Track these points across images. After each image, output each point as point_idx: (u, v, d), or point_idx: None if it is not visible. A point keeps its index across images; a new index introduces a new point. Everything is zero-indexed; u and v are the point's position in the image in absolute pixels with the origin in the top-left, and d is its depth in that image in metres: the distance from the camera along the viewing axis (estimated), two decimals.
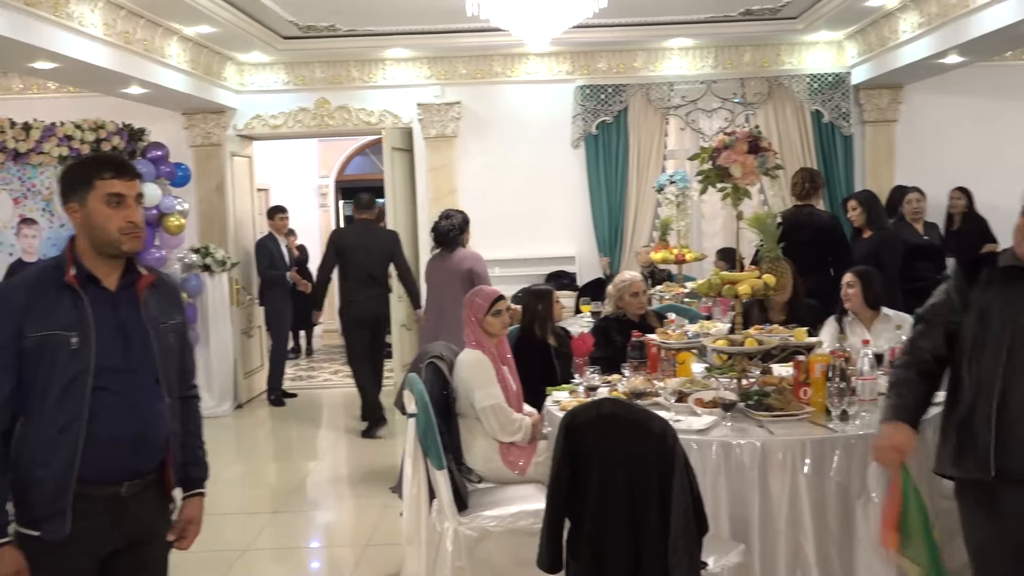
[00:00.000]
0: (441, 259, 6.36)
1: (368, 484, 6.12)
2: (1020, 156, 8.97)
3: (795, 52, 8.99)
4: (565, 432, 2.85)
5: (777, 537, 3.39)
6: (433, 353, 4.27)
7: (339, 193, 13.75)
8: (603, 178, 9.01)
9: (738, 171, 3.88)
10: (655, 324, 5.09)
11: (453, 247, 6.31)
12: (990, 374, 2.59)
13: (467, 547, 3.73)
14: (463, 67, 9.01)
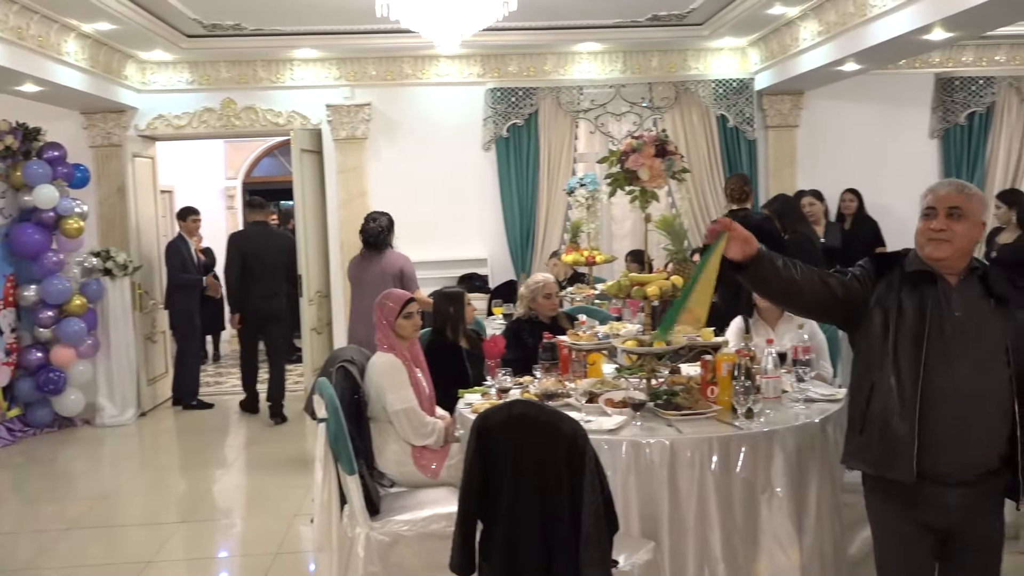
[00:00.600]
0: (370, 261, 6.44)
1: (278, 491, 6.01)
2: (912, 160, 9.36)
3: (701, 58, 9.17)
4: (477, 434, 2.85)
5: (686, 533, 3.44)
6: (344, 357, 4.22)
7: (247, 195, 13.48)
8: (514, 180, 9.05)
9: (646, 174, 3.93)
10: (566, 326, 5.13)
11: (383, 248, 6.42)
12: (909, 376, 2.64)
13: (379, 552, 3.70)
14: (373, 68, 8.94)
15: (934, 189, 2.76)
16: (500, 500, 2.83)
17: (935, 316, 2.65)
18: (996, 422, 2.63)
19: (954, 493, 2.66)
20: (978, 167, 9.41)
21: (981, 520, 2.71)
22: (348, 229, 8.93)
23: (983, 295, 2.69)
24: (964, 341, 2.63)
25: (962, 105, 9.38)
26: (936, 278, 2.70)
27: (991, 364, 2.62)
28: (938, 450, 2.62)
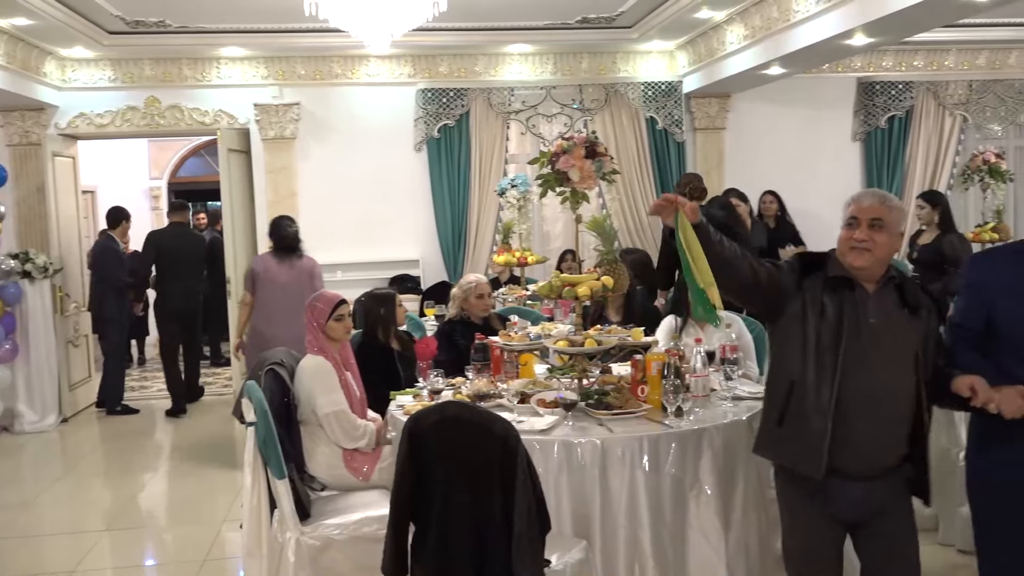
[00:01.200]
0: (287, 262, 6.58)
1: (206, 496, 5.91)
2: (835, 162, 9.60)
3: (630, 60, 9.27)
4: (409, 436, 2.84)
5: (617, 531, 3.48)
6: (273, 360, 4.16)
7: (172, 196, 13.21)
8: (446, 181, 9.03)
9: (576, 175, 3.96)
10: (498, 326, 5.14)
11: (299, 251, 6.65)
12: (827, 377, 2.74)
13: (310, 557, 3.65)
14: (302, 68, 8.83)
15: (858, 200, 2.85)
16: (432, 502, 2.82)
17: (852, 321, 2.75)
18: (902, 423, 2.77)
19: (859, 487, 2.78)
20: (898, 169, 9.69)
21: (890, 512, 2.83)
22: None
23: (898, 304, 2.80)
24: (877, 346, 2.74)
25: (883, 109, 9.65)
26: (855, 284, 2.80)
27: (901, 369, 2.75)
28: (848, 448, 2.74)
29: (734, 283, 2.88)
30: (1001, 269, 2.81)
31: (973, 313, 2.80)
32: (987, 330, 2.77)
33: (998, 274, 2.80)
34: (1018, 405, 2.55)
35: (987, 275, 2.83)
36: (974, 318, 2.79)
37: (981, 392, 2.57)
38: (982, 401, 2.57)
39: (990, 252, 3.15)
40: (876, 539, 2.84)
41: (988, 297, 2.77)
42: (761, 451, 3.02)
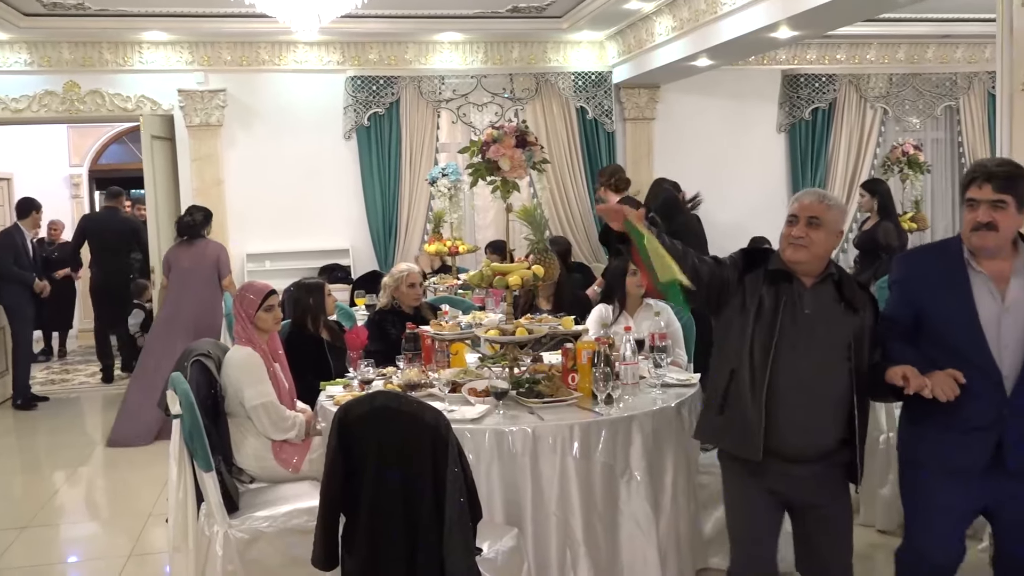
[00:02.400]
0: (190, 249, 7.24)
1: (130, 491, 5.78)
2: (761, 152, 9.79)
3: (560, 50, 9.30)
4: (339, 427, 2.82)
5: (548, 519, 3.50)
6: (199, 351, 4.08)
7: (93, 183, 12.87)
8: (376, 170, 8.96)
9: (506, 165, 3.96)
10: (429, 316, 5.13)
11: (195, 238, 7.25)
12: (761, 365, 2.87)
13: (238, 550, 3.60)
14: (227, 53, 8.66)
15: (799, 198, 2.98)
16: (363, 492, 2.81)
17: (787, 312, 2.89)
18: (835, 410, 2.89)
19: (798, 468, 2.92)
20: (821, 160, 9.91)
21: (828, 492, 2.96)
22: None
23: (835, 298, 2.92)
24: (811, 336, 2.87)
25: (807, 101, 9.86)
26: (793, 278, 2.93)
27: (833, 359, 2.88)
28: (782, 432, 2.87)
29: None
30: (925, 265, 2.93)
31: (902, 308, 2.93)
32: (916, 324, 2.89)
33: (923, 270, 2.91)
34: (951, 387, 2.65)
35: (912, 271, 2.95)
36: (903, 312, 2.91)
37: (913, 379, 2.68)
38: (914, 387, 2.67)
39: (915, 250, 3.29)
40: (813, 519, 2.98)
41: (914, 293, 2.89)
42: (702, 437, 3.17)
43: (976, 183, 2.74)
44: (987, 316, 2.76)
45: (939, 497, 2.87)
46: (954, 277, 2.82)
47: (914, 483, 2.97)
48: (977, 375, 2.73)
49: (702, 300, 3.03)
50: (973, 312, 2.76)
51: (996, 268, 2.79)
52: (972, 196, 2.75)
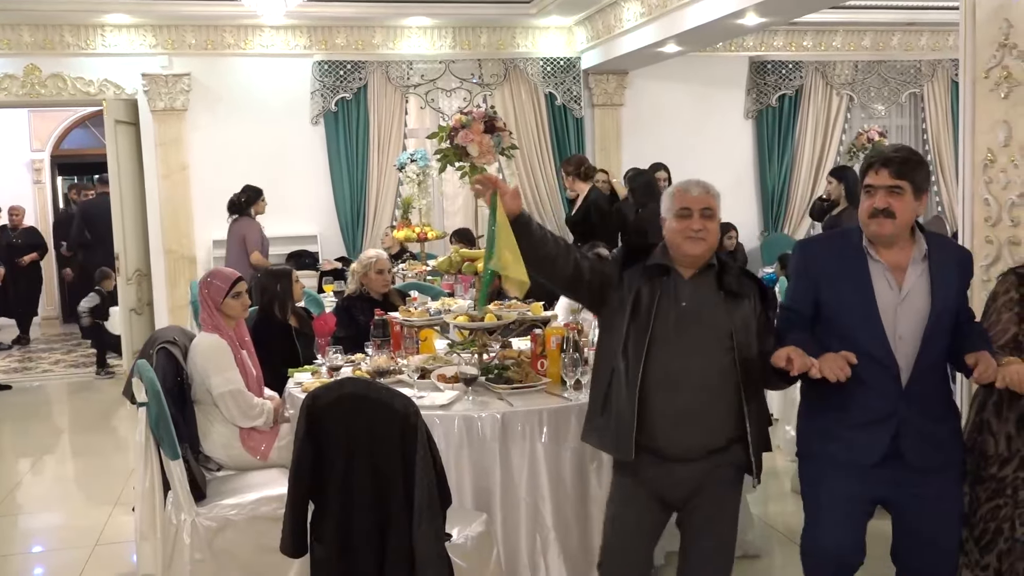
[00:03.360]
0: (232, 224, 7.75)
1: (96, 479, 5.73)
2: (728, 139, 9.84)
3: (529, 36, 9.28)
4: (307, 414, 2.81)
5: (518, 504, 3.52)
6: (165, 338, 4.05)
7: (56, 169, 12.67)
8: (344, 156, 8.91)
9: (475, 150, 3.96)
10: (398, 302, 5.11)
11: (234, 215, 7.71)
12: (635, 361, 2.77)
13: (206, 538, 3.58)
14: (192, 37, 8.55)
15: (685, 190, 2.88)
16: (332, 479, 2.80)
17: (663, 306, 2.78)
18: (718, 405, 2.78)
19: (681, 468, 2.80)
20: (788, 146, 9.98)
21: (713, 492, 2.85)
22: (170, 204, 8.57)
23: (715, 288, 2.82)
24: (687, 331, 2.77)
25: (773, 87, 9.92)
26: (670, 271, 2.84)
27: (715, 352, 2.76)
28: (660, 431, 2.77)
29: (559, 278, 2.89)
30: (823, 255, 2.87)
31: (800, 296, 2.86)
32: (815, 314, 2.84)
33: (820, 260, 2.86)
34: (840, 366, 2.58)
35: (810, 261, 2.89)
36: (801, 301, 2.85)
37: (797, 360, 2.59)
38: (798, 368, 2.59)
39: (813, 238, 3.22)
40: (697, 517, 2.88)
41: (813, 281, 2.83)
42: (586, 438, 3.04)
43: (873, 169, 2.70)
44: (884, 306, 2.71)
45: (837, 490, 2.80)
46: (853, 266, 2.76)
47: (812, 476, 2.90)
48: (874, 366, 2.69)
49: (586, 298, 2.96)
50: (871, 301, 2.71)
51: (894, 257, 2.75)
52: (869, 183, 2.70)
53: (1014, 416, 2.83)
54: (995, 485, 2.84)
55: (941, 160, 10.28)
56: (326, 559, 2.83)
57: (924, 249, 2.76)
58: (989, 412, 2.90)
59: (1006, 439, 2.84)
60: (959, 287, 2.82)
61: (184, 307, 8.31)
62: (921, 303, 2.72)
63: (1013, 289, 2.87)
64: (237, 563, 3.63)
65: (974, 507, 2.89)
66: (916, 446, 2.72)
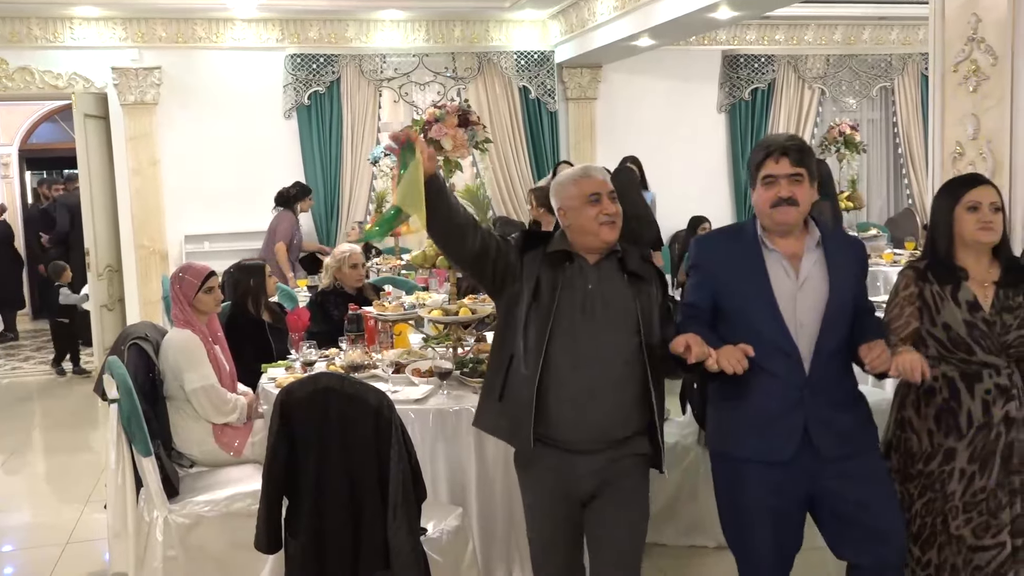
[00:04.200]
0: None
1: (67, 477, 5.67)
2: (702, 132, 9.88)
3: (503, 29, 9.26)
4: (281, 409, 2.79)
5: (493, 498, 3.52)
6: (136, 334, 4.02)
7: (24, 164, 12.52)
8: (317, 149, 8.86)
9: (449, 144, 3.96)
10: (372, 297, 5.10)
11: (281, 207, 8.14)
12: (535, 347, 2.68)
13: (179, 535, 3.56)
14: (162, 30, 8.46)
15: (588, 176, 2.81)
16: (306, 475, 2.79)
17: (566, 291, 2.71)
18: (623, 393, 2.70)
19: (582, 462, 2.71)
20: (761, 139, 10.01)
21: (620, 484, 2.76)
22: (141, 199, 8.48)
23: (618, 271, 2.77)
24: (593, 317, 2.70)
25: (746, 81, 9.96)
26: (574, 257, 2.77)
27: (621, 337, 2.70)
28: (561, 421, 2.68)
29: (467, 251, 2.75)
30: (718, 249, 2.84)
31: (700, 292, 2.81)
32: (715, 308, 2.78)
33: (716, 254, 2.82)
34: (737, 358, 2.53)
35: (708, 255, 2.85)
36: (701, 296, 2.80)
37: (695, 347, 2.52)
38: (696, 356, 2.51)
39: (710, 234, 3.16)
40: (604, 511, 2.77)
41: (710, 276, 2.79)
42: (479, 423, 2.92)
43: (772, 158, 2.65)
44: (782, 294, 2.69)
45: (752, 491, 2.72)
46: (749, 257, 2.73)
47: (729, 482, 2.82)
48: (776, 355, 2.66)
49: (488, 278, 2.81)
50: (768, 291, 2.68)
51: (790, 246, 2.72)
52: (770, 172, 2.65)
53: (932, 412, 2.85)
54: (924, 480, 2.86)
55: (911, 153, 10.38)
56: (300, 555, 2.82)
57: (817, 236, 2.74)
58: (909, 410, 2.91)
59: (928, 435, 2.86)
60: (856, 276, 2.80)
61: (156, 303, 8.25)
62: (819, 290, 2.70)
63: (912, 284, 2.87)
64: (211, 560, 3.61)
65: (908, 504, 2.89)
66: (826, 436, 2.67)
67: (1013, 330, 2.78)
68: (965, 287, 2.81)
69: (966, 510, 2.79)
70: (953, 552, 2.81)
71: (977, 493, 2.78)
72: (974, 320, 2.78)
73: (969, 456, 2.79)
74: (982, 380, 2.79)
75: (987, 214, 2.78)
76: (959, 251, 2.85)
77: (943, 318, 2.81)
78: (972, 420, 2.79)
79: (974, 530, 2.79)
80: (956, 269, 2.83)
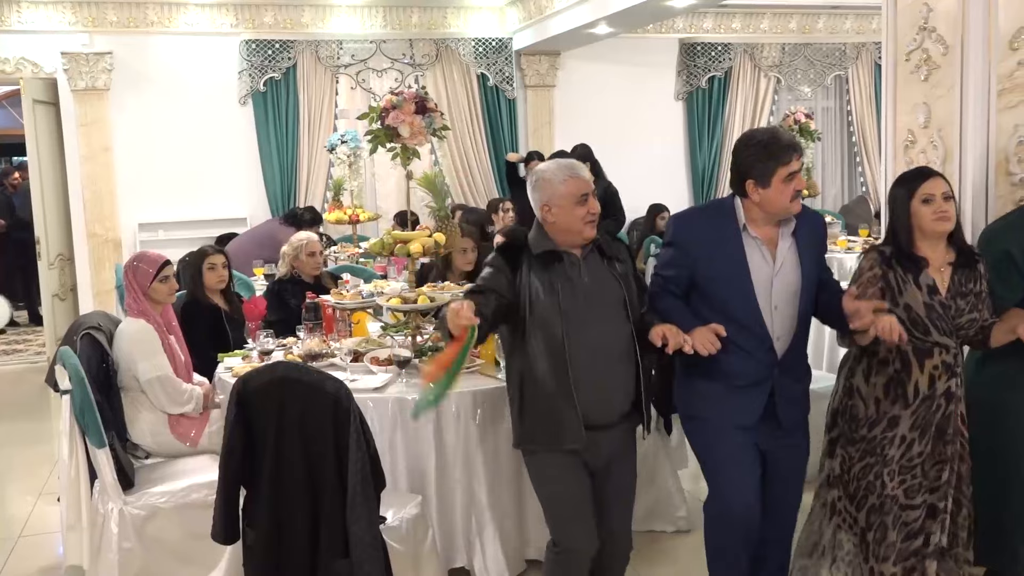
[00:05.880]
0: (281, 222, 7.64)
1: (18, 470, 5.58)
2: (660, 120, 9.94)
3: (460, 16, 9.21)
4: (237, 399, 2.77)
5: (453, 486, 3.52)
6: (89, 324, 3.95)
7: None
8: (273, 136, 8.76)
9: (407, 131, 3.93)
10: (330, 285, 5.07)
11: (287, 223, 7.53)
12: (558, 351, 2.80)
13: (135, 527, 3.52)
14: (113, 14, 8.29)
15: (577, 176, 2.88)
16: (263, 464, 2.77)
17: (567, 288, 2.84)
18: (626, 371, 2.90)
19: (602, 436, 2.89)
20: (718, 127, 10.10)
21: (623, 454, 3.00)
22: (93, 187, 8.33)
23: (601, 260, 2.94)
24: (594, 304, 2.86)
25: (703, 69, 10.02)
26: (562, 255, 2.88)
27: (619, 320, 2.89)
28: (590, 404, 2.84)
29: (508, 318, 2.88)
30: (699, 228, 2.96)
31: (675, 268, 2.94)
32: (691, 284, 2.93)
33: (697, 233, 2.94)
34: (712, 341, 2.72)
35: (686, 232, 2.96)
36: (677, 272, 2.93)
37: (671, 337, 2.73)
38: (673, 346, 2.72)
39: (688, 212, 3.32)
40: (611, 480, 2.98)
41: (688, 253, 2.92)
42: (525, 444, 2.97)
43: (795, 156, 2.80)
44: (759, 278, 2.85)
45: (725, 448, 2.94)
46: (728, 239, 2.87)
47: (704, 439, 3.02)
48: (749, 337, 2.84)
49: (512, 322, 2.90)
50: (746, 274, 2.84)
51: (768, 232, 2.88)
52: (794, 169, 2.78)
53: (881, 381, 3.01)
54: (865, 446, 3.03)
55: (865, 141, 10.52)
56: (259, 545, 2.81)
57: (793, 223, 2.90)
58: (858, 378, 3.07)
59: (875, 402, 3.02)
60: (819, 251, 3.01)
61: (110, 292, 8.11)
62: (792, 275, 2.89)
63: (877, 266, 3.00)
64: (167, 551, 3.58)
65: (847, 466, 3.08)
66: (786, 407, 2.93)
67: (965, 314, 2.97)
68: (926, 272, 2.97)
69: (901, 472, 2.97)
70: (884, 512, 2.99)
71: (914, 458, 2.97)
72: (932, 303, 2.94)
73: (911, 424, 2.97)
74: (932, 356, 2.96)
75: (941, 204, 2.94)
76: (918, 241, 2.99)
77: (905, 299, 2.95)
78: (919, 391, 2.96)
79: (906, 491, 2.97)
80: (918, 259, 2.98)
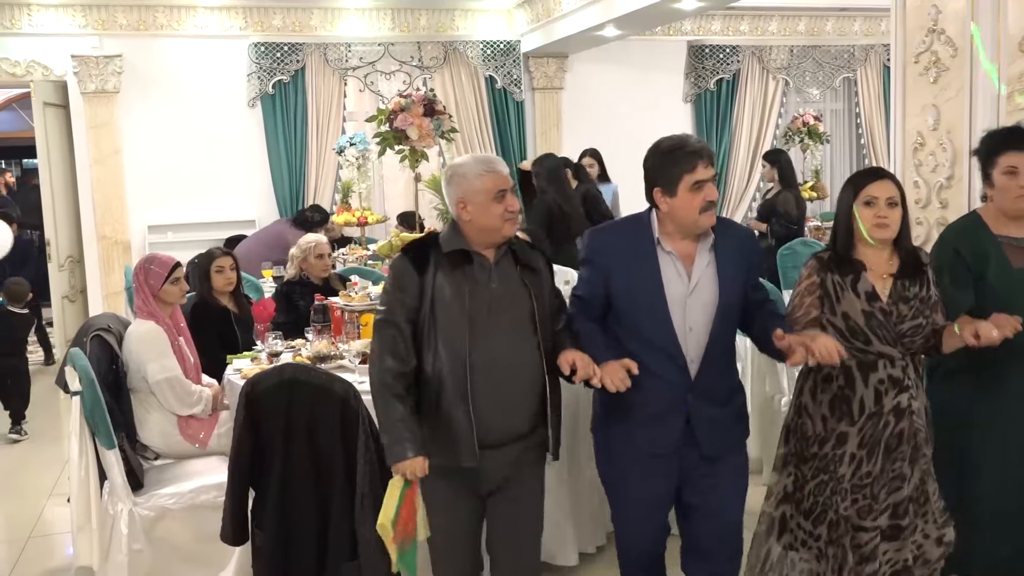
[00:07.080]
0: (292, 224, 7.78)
1: (29, 470, 5.60)
2: (667, 123, 9.82)
3: (469, 18, 9.23)
4: (246, 400, 2.78)
5: None
6: (99, 325, 3.97)
7: None
8: (282, 139, 8.79)
9: (415, 133, 3.95)
10: (338, 287, 5.08)
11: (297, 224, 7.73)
12: (458, 357, 2.61)
13: (144, 528, 3.54)
14: (123, 17, 8.33)
15: (496, 171, 2.70)
16: (272, 466, 2.78)
17: (475, 292, 2.64)
18: (530, 387, 2.69)
19: (495, 455, 2.67)
20: (726, 130, 10.10)
21: (520, 475, 2.77)
22: (102, 189, 8.37)
23: (513, 266, 2.73)
24: (501, 311, 2.65)
25: (711, 72, 10.01)
26: (472, 256, 2.68)
27: (525, 332, 2.68)
28: (490, 422, 2.64)
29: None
30: (613, 244, 2.78)
31: (591, 286, 2.77)
32: (606, 302, 2.75)
33: (610, 249, 2.77)
34: (622, 378, 2.53)
35: (600, 248, 2.79)
36: (593, 290, 2.77)
37: (580, 367, 2.56)
38: (581, 376, 2.56)
39: (604, 226, 3.06)
40: (505, 503, 2.78)
41: (601, 269, 2.75)
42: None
43: (701, 163, 2.63)
44: (673, 297, 2.66)
45: (630, 487, 2.78)
46: (643, 257, 2.69)
47: (604, 466, 2.88)
48: (663, 358, 2.66)
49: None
50: (660, 293, 2.65)
51: (685, 248, 2.70)
52: (700, 177, 2.62)
53: (827, 399, 2.90)
54: (817, 463, 2.92)
55: (874, 143, 10.50)
56: (267, 546, 2.82)
57: (712, 238, 2.71)
58: (806, 396, 2.96)
59: (822, 420, 2.91)
60: (746, 271, 2.78)
61: (119, 294, 8.15)
62: (710, 292, 2.69)
63: (815, 273, 2.88)
64: (177, 552, 3.59)
65: (800, 484, 2.98)
66: (707, 433, 2.72)
67: (907, 320, 2.81)
68: (864, 278, 2.83)
69: (853, 492, 2.87)
70: (840, 531, 2.90)
71: (864, 477, 2.86)
72: (872, 310, 2.80)
73: (859, 442, 2.85)
74: (876, 370, 2.83)
75: (882, 209, 2.78)
76: (858, 244, 2.85)
77: (843, 307, 2.83)
78: (864, 407, 2.84)
79: (858, 511, 2.88)
80: (854, 262, 2.85)
